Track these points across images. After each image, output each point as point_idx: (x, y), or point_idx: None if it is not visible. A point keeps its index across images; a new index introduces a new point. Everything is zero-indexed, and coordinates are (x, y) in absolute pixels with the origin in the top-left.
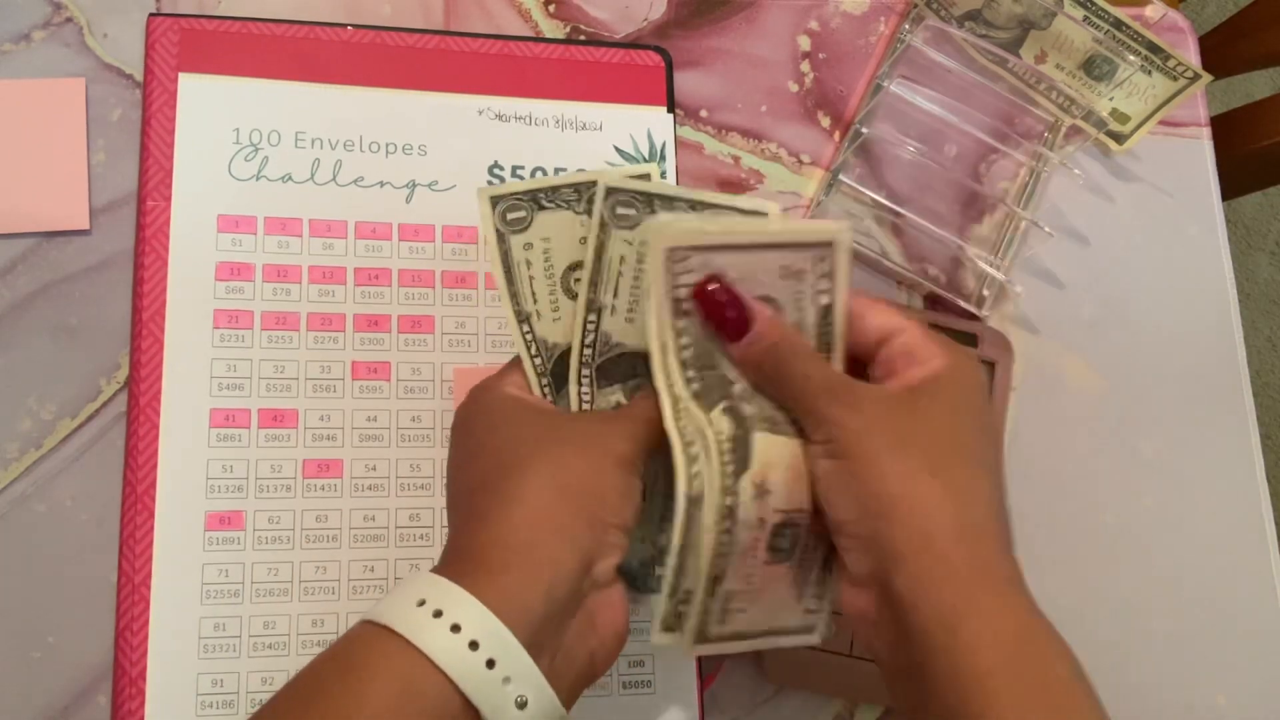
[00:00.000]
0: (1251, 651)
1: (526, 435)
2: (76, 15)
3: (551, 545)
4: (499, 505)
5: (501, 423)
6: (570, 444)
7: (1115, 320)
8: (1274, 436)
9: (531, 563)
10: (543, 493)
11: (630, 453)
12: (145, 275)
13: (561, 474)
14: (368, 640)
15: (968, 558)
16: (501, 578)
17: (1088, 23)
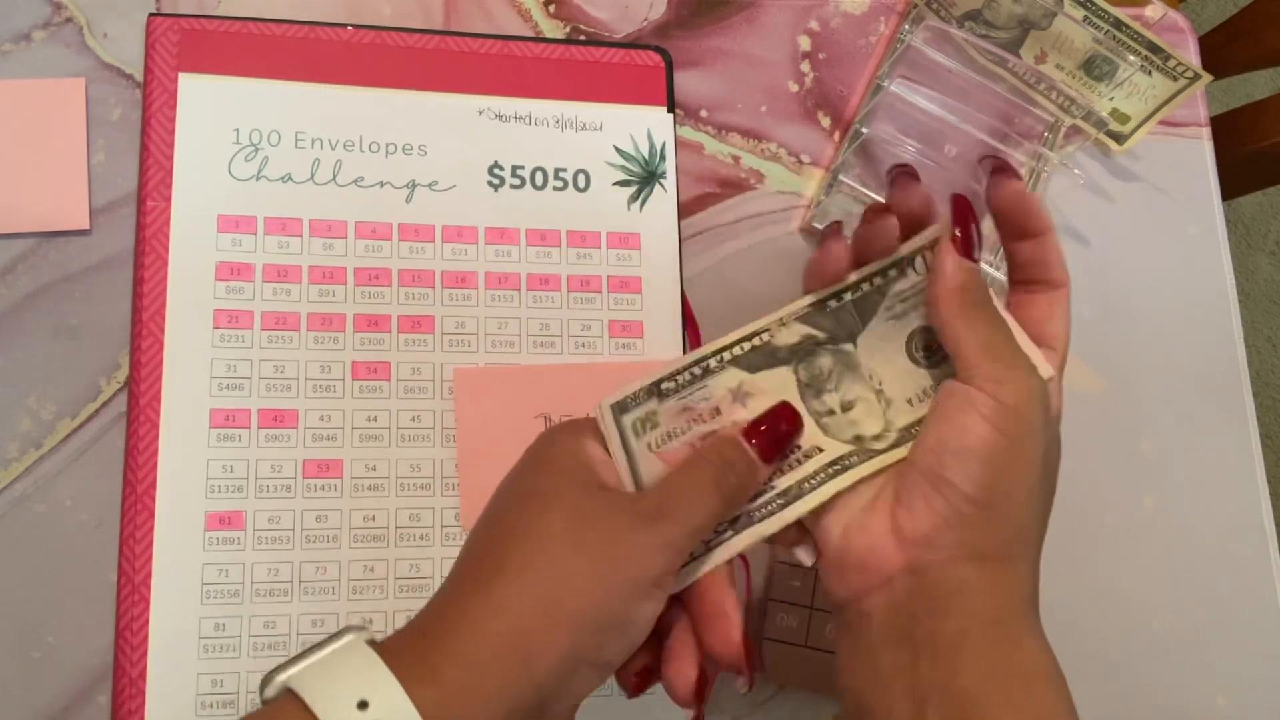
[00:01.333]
0: (1251, 651)
1: (553, 521)
2: (76, 15)
3: (513, 674)
4: (485, 600)
5: (543, 488)
6: (589, 555)
7: (1115, 320)
8: (1274, 436)
9: (485, 690)
10: (529, 610)
11: (657, 573)
12: (145, 275)
13: (560, 593)
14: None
15: (1028, 586)
16: (454, 697)
17: (1088, 23)
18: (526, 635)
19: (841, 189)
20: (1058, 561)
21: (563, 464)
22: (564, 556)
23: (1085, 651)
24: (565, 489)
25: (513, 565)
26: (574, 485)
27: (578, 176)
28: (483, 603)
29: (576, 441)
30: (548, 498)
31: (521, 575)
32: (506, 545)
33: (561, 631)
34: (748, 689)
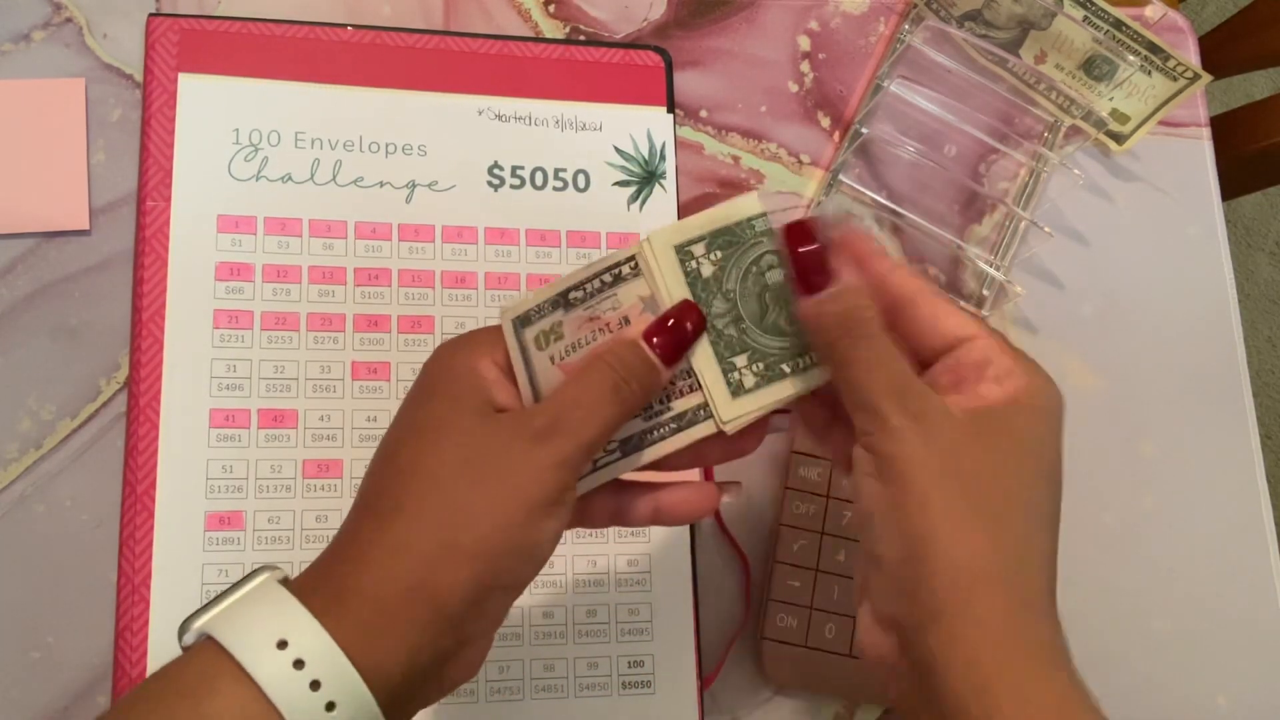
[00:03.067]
0: (1251, 651)
1: (445, 453)
2: (76, 15)
3: (417, 608)
4: (387, 539)
5: (436, 418)
6: (484, 485)
7: (1115, 320)
8: (1274, 436)
9: (400, 628)
10: (430, 548)
11: (554, 493)
12: (145, 275)
13: (459, 527)
14: (214, 671)
15: (1010, 623)
16: (371, 637)
17: (1087, 23)
18: (430, 573)
19: (841, 189)
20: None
21: (455, 389)
22: (460, 490)
23: (1085, 651)
24: (457, 417)
25: (410, 503)
26: (466, 412)
27: (578, 177)
28: (385, 543)
29: (469, 361)
30: (441, 429)
31: (420, 513)
32: (403, 483)
33: (464, 566)
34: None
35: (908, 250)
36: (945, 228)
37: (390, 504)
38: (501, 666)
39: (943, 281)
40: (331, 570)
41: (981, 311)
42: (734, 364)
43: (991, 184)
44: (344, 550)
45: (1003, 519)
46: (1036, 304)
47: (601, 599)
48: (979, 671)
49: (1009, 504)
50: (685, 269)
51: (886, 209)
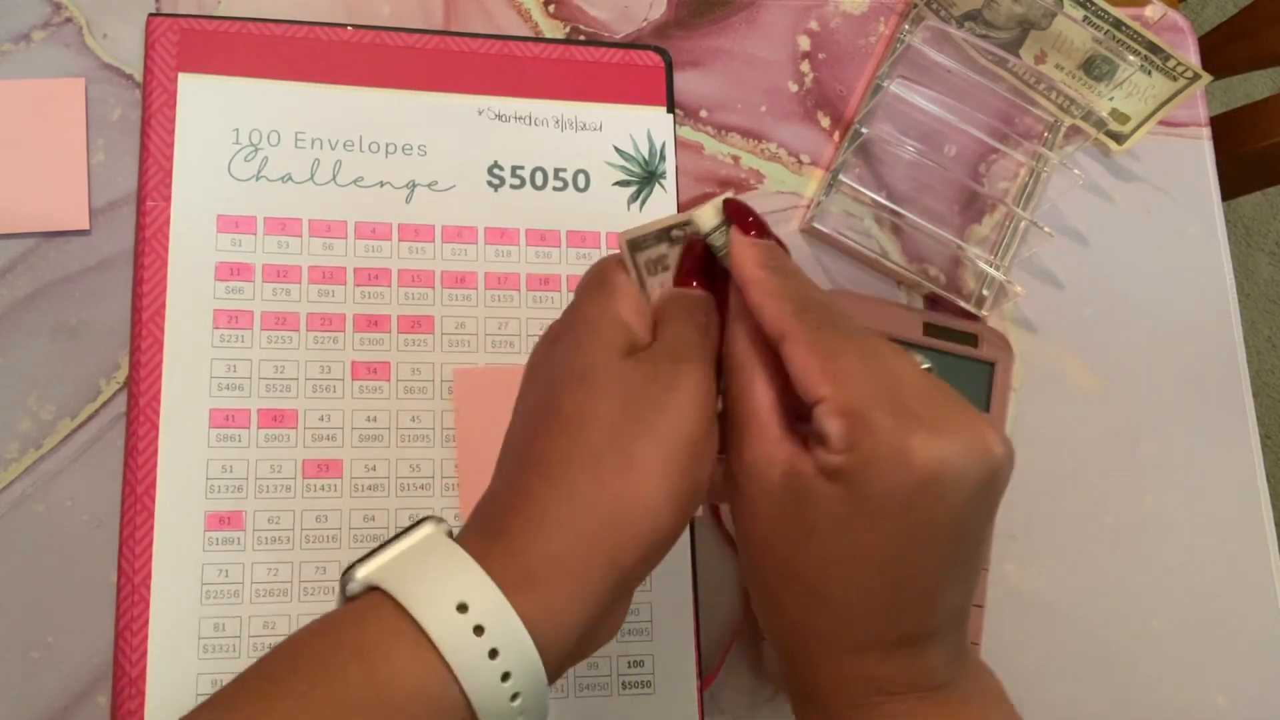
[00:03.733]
0: (1251, 651)
1: (610, 403)
2: (76, 15)
3: (600, 571)
4: (555, 494)
5: (592, 366)
6: (654, 431)
7: (1115, 320)
8: (1274, 436)
9: (580, 590)
10: (610, 502)
11: (707, 424)
12: (145, 275)
13: (635, 478)
14: (389, 631)
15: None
16: (549, 601)
17: (1087, 23)
18: (612, 529)
19: (841, 189)
20: (1058, 561)
21: (602, 334)
22: (629, 438)
23: (1085, 652)
24: (611, 363)
25: (584, 456)
26: (616, 356)
27: (577, 176)
28: (562, 499)
29: (608, 304)
30: (599, 378)
31: (596, 466)
32: (571, 435)
33: (645, 519)
34: None
35: (908, 250)
36: (945, 228)
37: (560, 459)
38: None
39: (943, 281)
40: (503, 527)
41: (981, 311)
42: None
43: (991, 184)
44: (513, 507)
45: (819, 584)
46: (1036, 304)
47: None
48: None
49: (825, 567)
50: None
51: (886, 209)
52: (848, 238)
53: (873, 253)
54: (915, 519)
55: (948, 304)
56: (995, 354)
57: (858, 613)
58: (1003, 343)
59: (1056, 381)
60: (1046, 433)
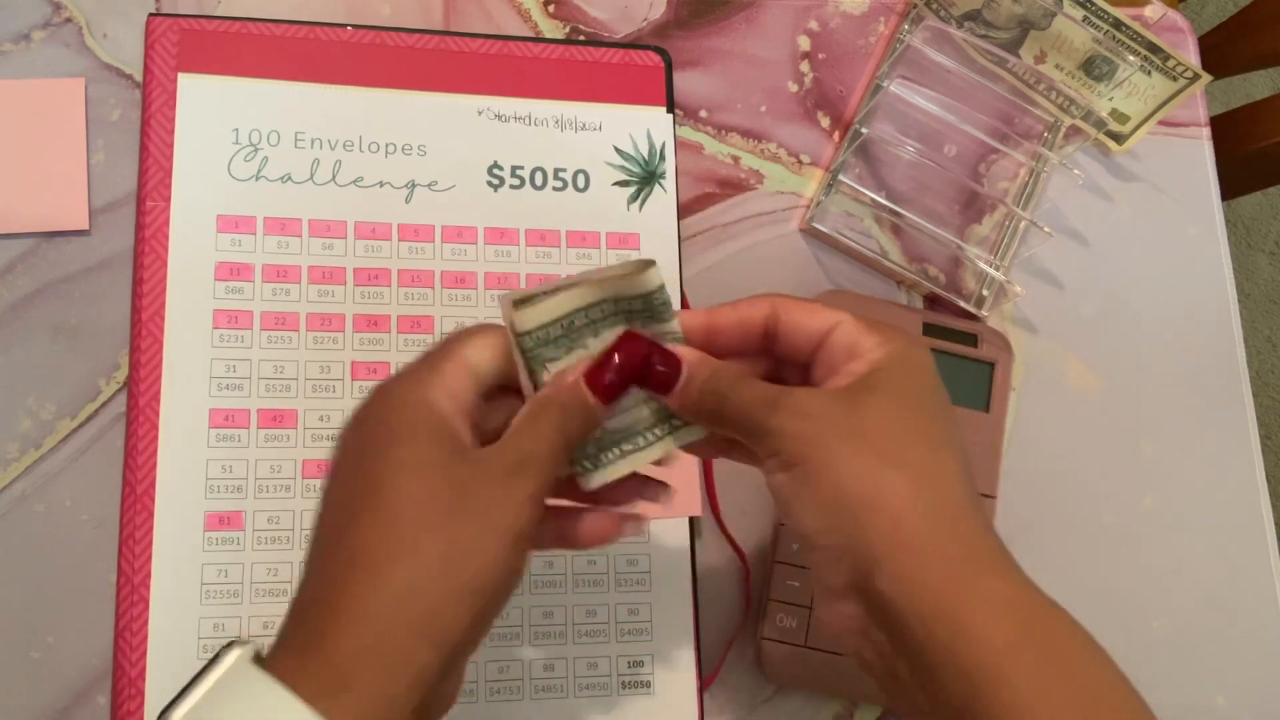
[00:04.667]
0: (1251, 651)
1: (424, 495)
2: (76, 15)
3: (423, 654)
4: (372, 587)
5: (404, 463)
6: (470, 518)
7: (1115, 320)
8: (1274, 436)
9: (399, 677)
10: (427, 587)
11: (529, 523)
12: (145, 275)
13: (453, 564)
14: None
15: (949, 543)
16: (367, 702)
17: (1087, 23)
18: (438, 614)
19: (841, 189)
20: (1058, 561)
21: (423, 429)
22: (454, 529)
23: None
24: (436, 456)
25: (403, 547)
26: (442, 450)
27: (577, 177)
28: (381, 591)
29: (427, 399)
30: (422, 469)
31: (414, 556)
32: (387, 526)
33: (468, 601)
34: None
35: (908, 250)
36: (945, 228)
37: (379, 550)
38: (501, 666)
39: (943, 281)
40: (319, 629)
41: (981, 311)
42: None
43: (991, 184)
44: (329, 602)
45: (905, 456)
46: (1036, 304)
47: (601, 599)
48: (932, 592)
49: (906, 442)
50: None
51: (886, 209)
52: (848, 238)
53: (873, 253)
54: (934, 395)
55: (948, 304)
56: (995, 354)
57: (942, 476)
58: (1003, 343)
59: (1056, 381)
60: (1046, 433)
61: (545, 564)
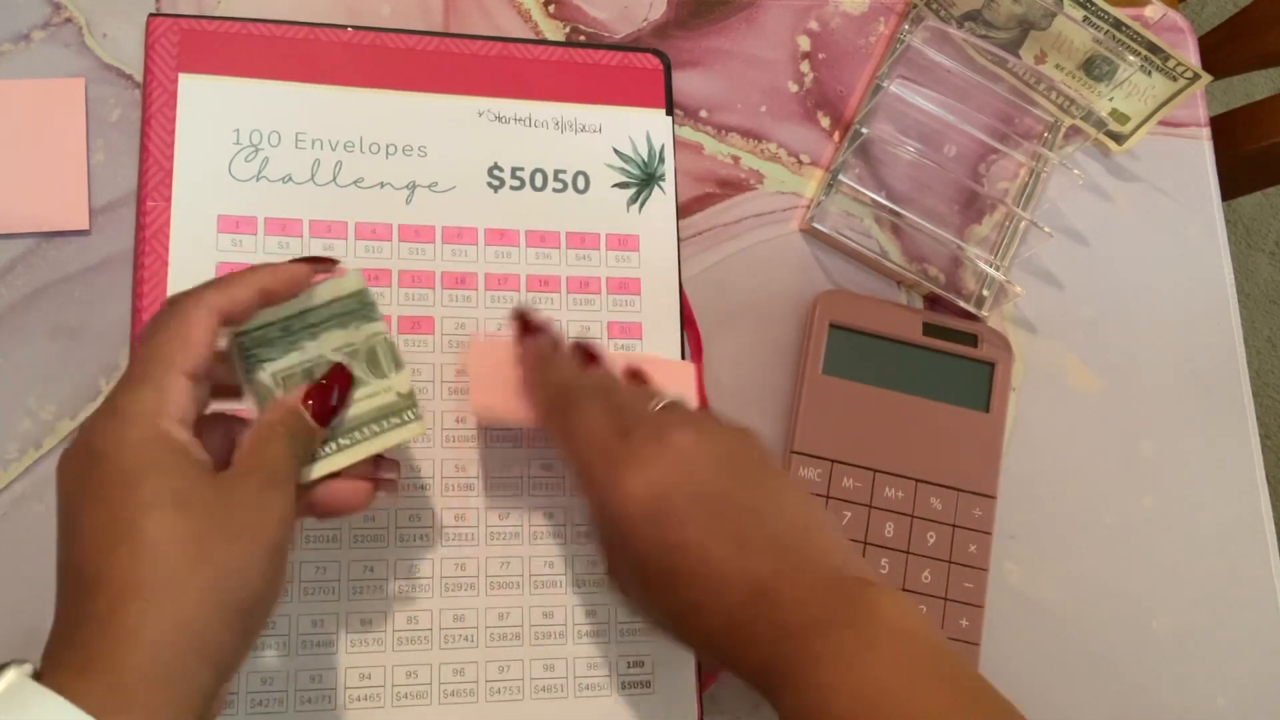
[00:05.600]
0: (1251, 651)
1: (185, 528)
2: (76, 15)
3: (202, 674)
4: (149, 615)
5: (157, 499)
6: (233, 544)
7: (1115, 320)
8: (1274, 436)
9: (180, 695)
10: (202, 613)
11: (286, 536)
12: (145, 275)
13: (223, 589)
14: None
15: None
16: (149, 717)
17: (1087, 23)
18: (205, 636)
19: (841, 189)
20: (1058, 561)
21: (165, 464)
22: (221, 553)
23: (1085, 652)
24: (184, 489)
25: (171, 576)
26: (192, 480)
27: (577, 178)
28: (151, 617)
29: (161, 430)
30: (174, 502)
31: (187, 583)
32: (152, 557)
33: (239, 619)
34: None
35: (907, 250)
36: (945, 228)
37: (156, 582)
38: (501, 666)
39: (942, 281)
40: (94, 653)
41: (981, 311)
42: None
43: (991, 184)
44: (99, 630)
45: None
46: (1036, 304)
47: (601, 599)
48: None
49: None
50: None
51: (886, 209)
52: (848, 238)
53: (873, 253)
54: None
55: (948, 304)
56: (995, 354)
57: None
58: (1003, 343)
59: (1056, 381)
60: (1046, 433)
61: (545, 565)
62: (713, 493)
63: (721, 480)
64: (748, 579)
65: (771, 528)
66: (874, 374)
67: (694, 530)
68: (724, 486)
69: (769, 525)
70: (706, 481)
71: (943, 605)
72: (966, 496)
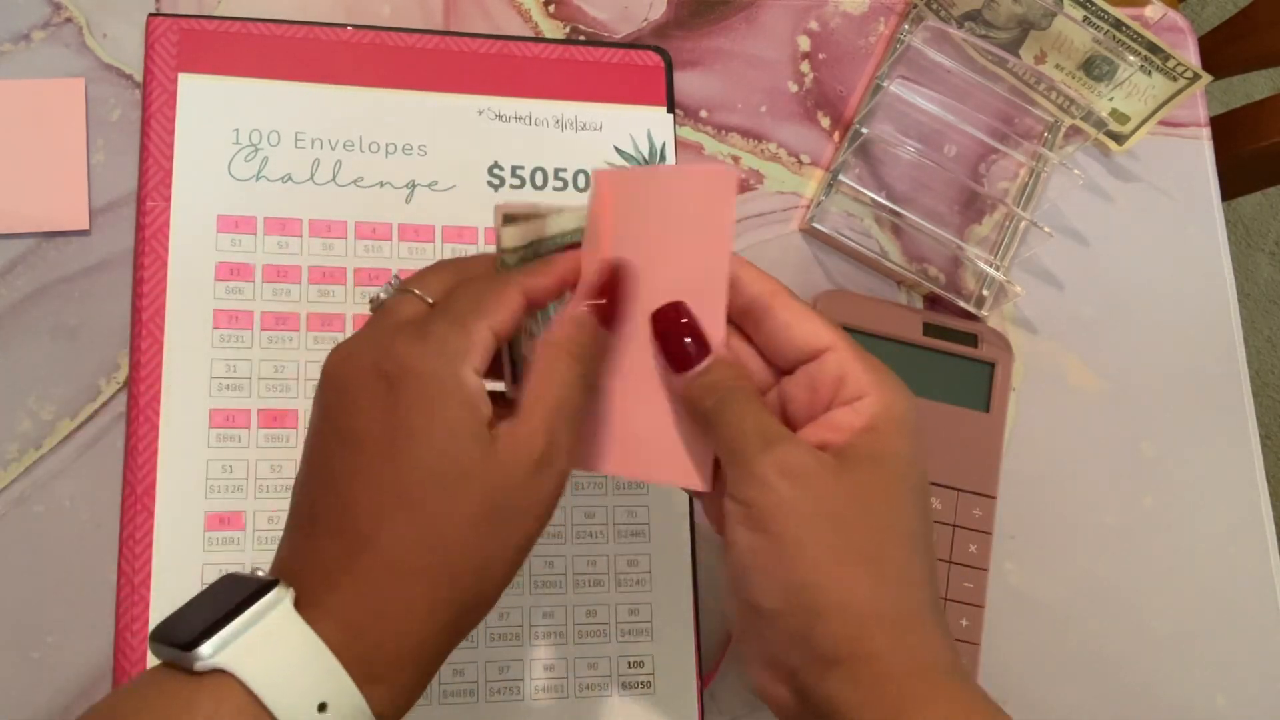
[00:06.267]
0: (1251, 651)
1: (466, 506)
2: (76, 15)
3: (442, 658)
4: (419, 601)
5: (450, 454)
6: (506, 529)
7: (1115, 320)
8: (1274, 436)
9: (424, 677)
10: (464, 583)
11: (554, 508)
12: (145, 275)
13: (487, 579)
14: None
15: (906, 653)
16: (398, 694)
17: (1087, 23)
18: (460, 623)
19: (841, 189)
20: (1058, 561)
21: (450, 416)
22: (481, 539)
23: (1085, 651)
24: (466, 458)
25: (442, 561)
26: (469, 444)
27: (578, 177)
28: (417, 602)
29: (455, 372)
30: (453, 473)
31: (453, 573)
32: (426, 538)
33: (488, 605)
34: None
35: (907, 250)
36: (945, 228)
37: (415, 560)
38: (501, 666)
39: (942, 281)
40: (352, 616)
41: (981, 311)
42: None
43: (991, 184)
44: (360, 592)
45: (880, 552)
46: (1036, 304)
47: (601, 599)
48: (883, 704)
49: (883, 536)
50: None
51: (886, 209)
52: (848, 238)
53: (873, 253)
54: (920, 481)
55: (948, 304)
56: (995, 354)
57: (912, 577)
58: (1003, 343)
59: (1056, 381)
60: (1046, 433)
61: (545, 564)
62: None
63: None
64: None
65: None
66: None
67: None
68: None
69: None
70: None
71: (943, 605)
72: (966, 496)
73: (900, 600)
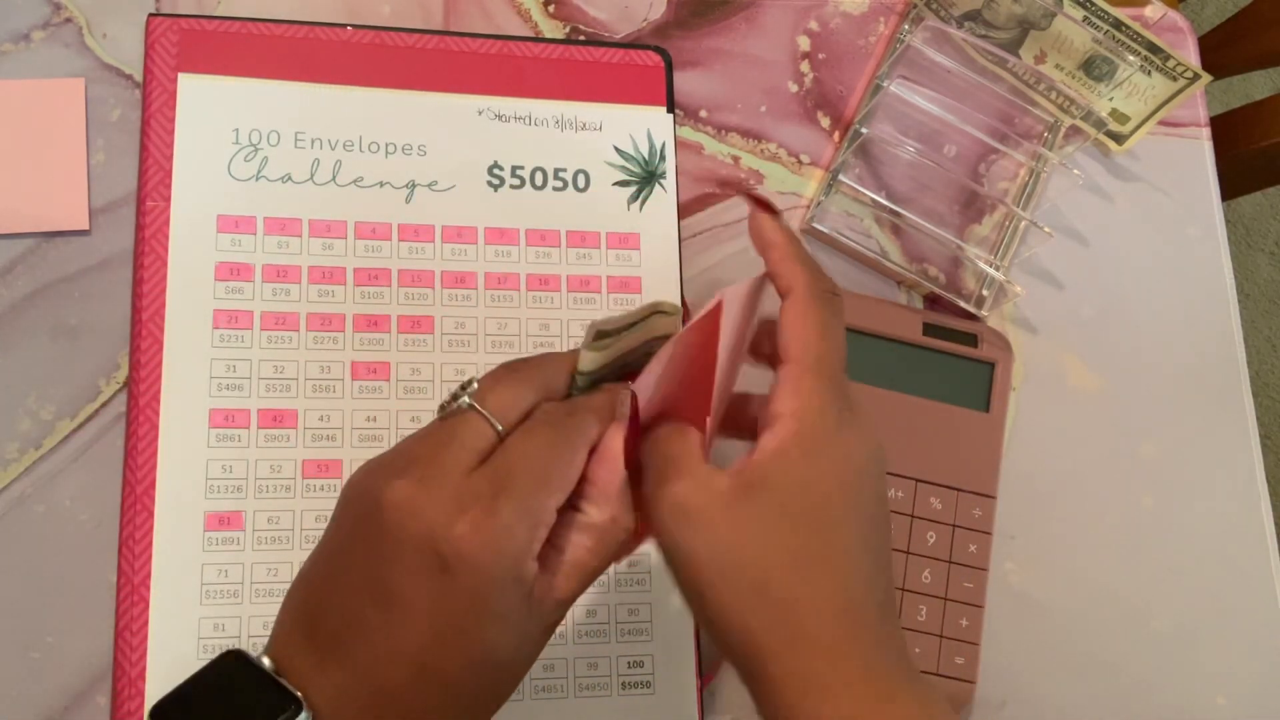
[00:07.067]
0: (1251, 651)
1: (485, 678)
2: (76, 15)
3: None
4: (431, 689)
5: (494, 635)
6: (516, 674)
7: (1115, 320)
8: (1274, 436)
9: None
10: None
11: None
12: (145, 275)
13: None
14: None
15: (799, 680)
16: None
17: (1087, 23)
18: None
19: (841, 189)
20: (1058, 561)
21: (506, 615)
22: (498, 698)
23: (1085, 651)
24: (507, 651)
25: (456, 712)
26: (516, 639)
27: (577, 177)
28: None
29: (519, 573)
30: (496, 663)
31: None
32: (445, 705)
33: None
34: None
35: (907, 250)
36: (945, 228)
37: (468, 699)
38: None
39: (942, 281)
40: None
41: (981, 311)
42: None
43: (991, 184)
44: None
45: (766, 578)
46: (1036, 304)
47: (601, 599)
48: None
49: (769, 563)
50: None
51: (886, 209)
52: (848, 238)
53: (873, 253)
54: (824, 501)
55: (948, 304)
56: (995, 354)
57: (858, 572)
58: (1003, 343)
59: (1056, 381)
60: (1046, 433)
61: None
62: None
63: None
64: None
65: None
66: (874, 374)
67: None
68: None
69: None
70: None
71: (943, 605)
72: (966, 496)
73: (787, 625)
